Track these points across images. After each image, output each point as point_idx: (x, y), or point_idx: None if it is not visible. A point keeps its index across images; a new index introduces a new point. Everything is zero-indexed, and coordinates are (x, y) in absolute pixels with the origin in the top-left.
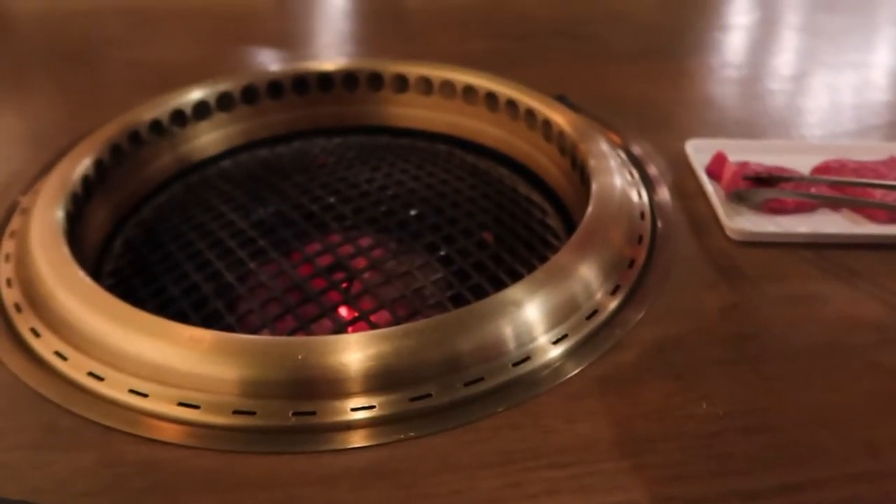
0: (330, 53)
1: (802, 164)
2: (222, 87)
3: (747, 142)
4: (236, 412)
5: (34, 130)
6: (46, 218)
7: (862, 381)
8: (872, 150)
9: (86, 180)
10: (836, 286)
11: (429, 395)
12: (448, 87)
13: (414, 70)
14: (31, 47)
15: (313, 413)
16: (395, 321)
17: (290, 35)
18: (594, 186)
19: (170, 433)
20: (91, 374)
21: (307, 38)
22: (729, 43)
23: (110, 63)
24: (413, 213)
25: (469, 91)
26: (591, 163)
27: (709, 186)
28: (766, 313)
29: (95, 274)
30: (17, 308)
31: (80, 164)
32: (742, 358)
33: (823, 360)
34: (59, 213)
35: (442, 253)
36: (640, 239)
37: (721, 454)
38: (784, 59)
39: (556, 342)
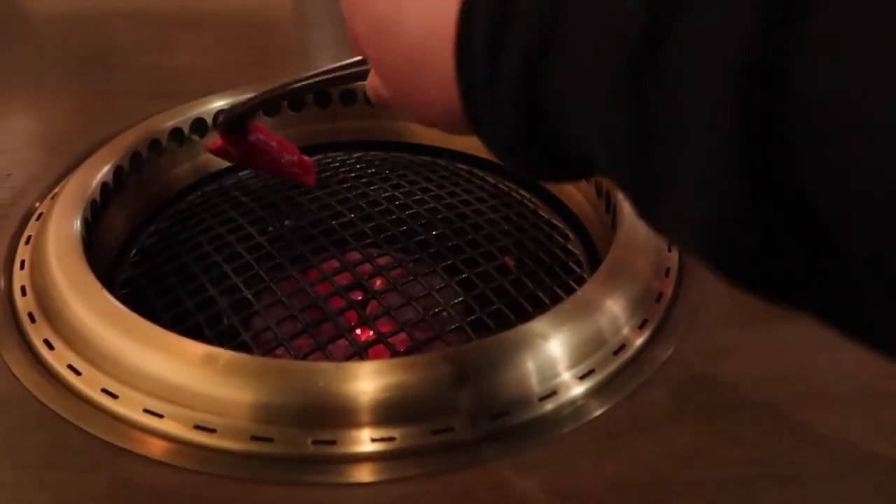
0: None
1: None
2: (243, 97)
3: None
4: (254, 438)
5: (52, 134)
6: (63, 225)
7: None
8: None
9: (104, 187)
10: None
11: (451, 429)
12: None
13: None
14: (50, 50)
15: (333, 442)
16: (414, 345)
17: (310, 46)
18: (621, 214)
19: (185, 457)
20: (105, 390)
21: (328, 50)
22: None
23: (130, 68)
24: (434, 233)
25: None
26: (618, 190)
27: None
28: (802, 354)
29: (109, 282)
30: (31, 318)
31: (100, 171)
32: (776, 401)
33: (863, 408)
34: (77, 221)
35: (463, 276)
36: (668, 271)
37: None
38: None
39: (581, 378)
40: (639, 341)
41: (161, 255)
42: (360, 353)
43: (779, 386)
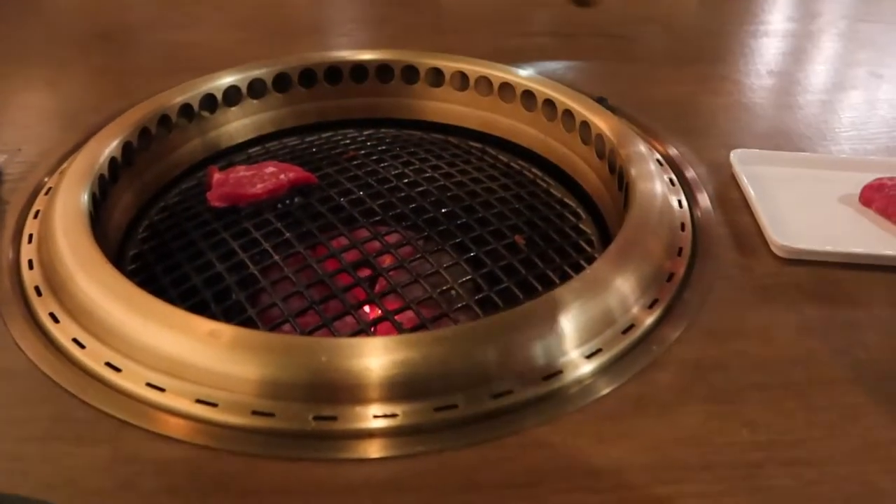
0: (363, 43)
1: (856, 181)
2: (254, 73)
3: (793, 154)
4: (255, 413)
5: (64, 110)
6: (71, 200)
7: None
8: None
9: (113, 162)
10: (890, 313)
11: (455, 406)
12: (484, 83)
13: (450, 64)
14: (64, 26)
15: (334, 418)
16: (421, 323)
17: (323, 23)
18: (634, 193)
19: (186, 431)
20: (108, 364)
21: (340, 26)
22: (772, 49)
23: (143, 45)
24: (443, 211)
25: (506, 88)
26: (632, 169)
27: (755, 198)
28: (813, 338)
29: (118, 257)
30: (38, 291)
31: (108, 146)
32: (786, 384)
33: (874, 392)
34: (84, 196)
35: (471, 254)
36: (681, 251)
37: (763, 487)
38: (830, 67)
39: (589, 357)
40: (648, 321)
41: (169, 231)
42: (367, 330)
43: (790, 368)
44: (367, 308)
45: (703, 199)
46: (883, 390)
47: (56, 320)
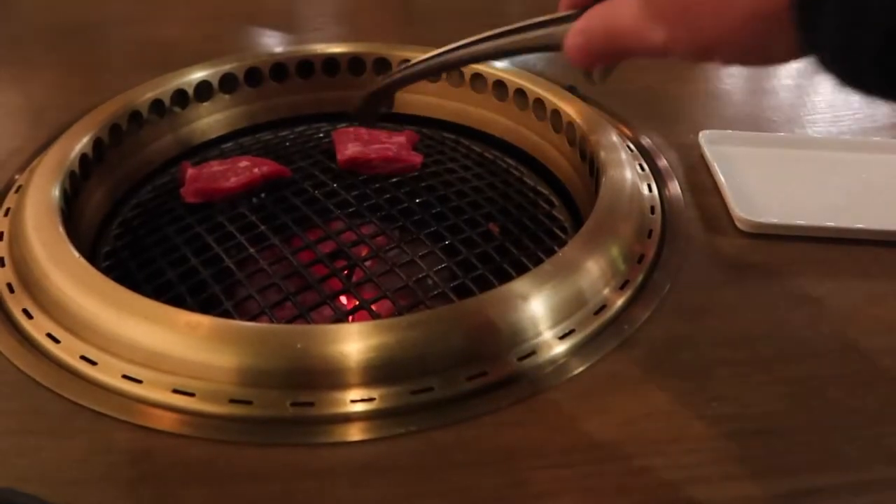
0: (335, 36)
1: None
2: (225, 68)
3: (762, 134)
4: (232, 401)
5: (34, 108)
6: (41, 196)
7: (877, 385)
8: (881, 147)
9: (84, 159)
10: (853, 285)
11: (430, 389)
12: (456, 75)
13: (422, 56)
14: (32, 23)
15: (311, 404)
16: (397, 311)
17: (294, 17)
18: (604, 179)
19: (163, 421)
20: (84, 357)
21: (312, 20)
22: None
23: (112, 41)
24: (418, 201)
25: (477, 79)
26: (602, 155)
27: (722, 177)
28: (779, 313)
29: (92, 255)
30: (10, 288)
31: (78, 143)
32: (753, 359)
33: (837, 363)
34: (55, 192)
35: (446, 242)
36: (650, 234)
37: (731, 457)
38: None
39: (562, 337)
40: (619, 301)
41: (143, 227)
42: (343, 320)
43: (758, 343)
44: (343, 299)
45: (673, 183)
46: (846, 362)
47: (29, 316)
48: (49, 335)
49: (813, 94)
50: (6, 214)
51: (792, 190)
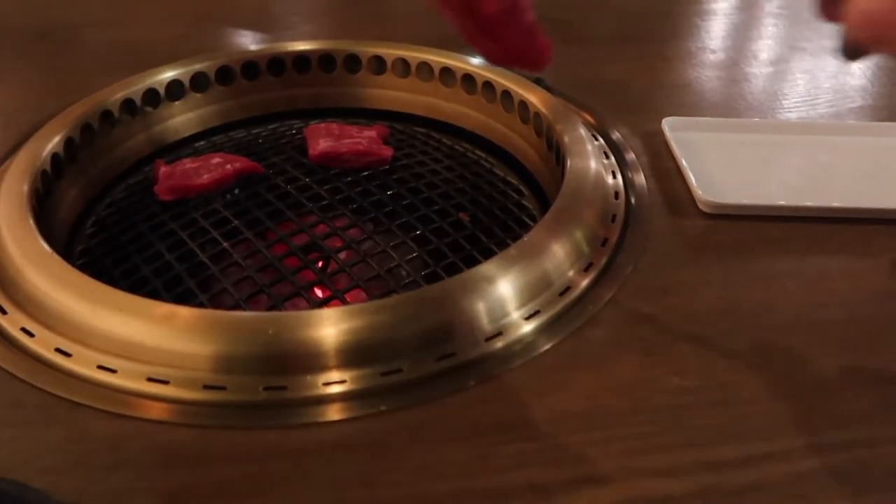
0: (306, 34)
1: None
2: (196, 66)
3: (723, 120)
4: (207, 387)
5: (5, 110)
6: (13, 195)
7: (829, 356)
8: (846, 129)
9: (55, 158)
10: (809, 261)
11: (400, 370)
12: (425, 69)
13: (391, 52)
14: (2, 26)
15: (284, 388)
16: (370, 300)
17: (266, 15)
18: (568, 166)
19: (139, 408)
20: (58, 350)
21: (283, 19)
22: (708, 28)
23: (82, 42)
24: (389, 193)
25: (446, 73)
26: (567, 143)
27: (684, 160)
28: (738, 290)
29: (67, 253)
30: None
31: (50, 143)
32: (713, 334)
33: (792, 337)
34: (26, 189)
35: (417, 233)
36: (614, 218)
37: (690, 427)
38: (762, 44)
39: (528, 318)
40: (584, 283)
41: (117, 225)
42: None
43: (717, 319)
44: (318, 291)
45: (637, 169)
46: (801, 334)
47: (4, 312)
48: (23, 329)
49: (780, 83)
50: None
51: (752, 172)
